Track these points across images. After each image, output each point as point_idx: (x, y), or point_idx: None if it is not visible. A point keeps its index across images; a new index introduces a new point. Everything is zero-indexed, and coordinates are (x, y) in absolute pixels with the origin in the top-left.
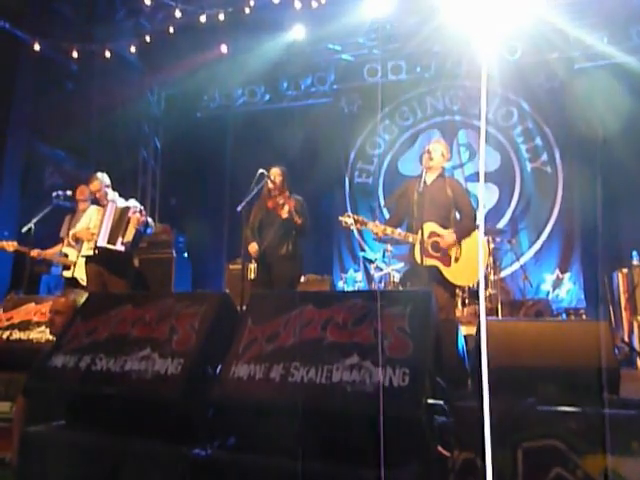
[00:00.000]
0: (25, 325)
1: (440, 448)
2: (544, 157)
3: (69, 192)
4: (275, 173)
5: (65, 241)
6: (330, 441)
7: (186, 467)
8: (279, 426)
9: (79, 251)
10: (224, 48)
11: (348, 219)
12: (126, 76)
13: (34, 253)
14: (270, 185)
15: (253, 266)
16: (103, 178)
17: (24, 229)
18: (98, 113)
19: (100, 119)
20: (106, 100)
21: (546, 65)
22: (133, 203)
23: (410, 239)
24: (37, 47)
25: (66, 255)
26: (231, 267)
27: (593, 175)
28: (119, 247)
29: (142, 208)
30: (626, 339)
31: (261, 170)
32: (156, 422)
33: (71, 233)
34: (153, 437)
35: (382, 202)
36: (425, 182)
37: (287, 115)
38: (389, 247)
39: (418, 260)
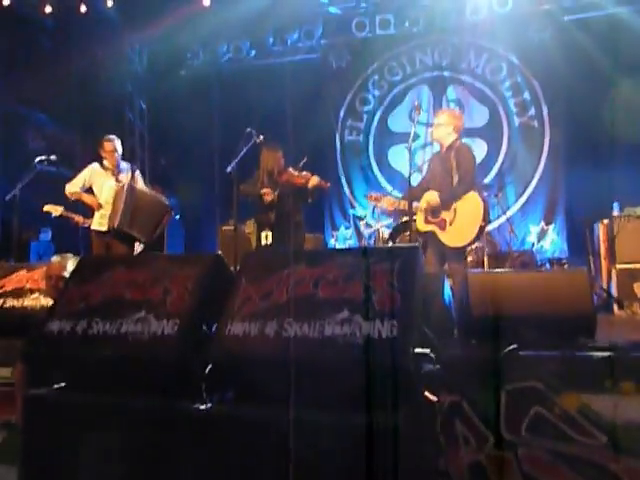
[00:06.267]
0: (18, 293)
1: (427, 393)
2: (531, 112)
3: (53, 157)
4: (279, 156)
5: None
6: (324, 390)
7: (187, 421)
8: (275, 379)
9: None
10: (206, 1)
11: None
12: (105, 33)
13: (79, 219)
14: (279, 163)
15: (266, 233)
16: (117, 143)
17: (8, 196)
18: (78, 72)
19: (80, 79)
20: (85, 58)
21: (536, 17)
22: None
23: (415, 209)
24: (6, 1)
25: None
26: (224, 228)
27: (579, 129)
28: (140, 237)
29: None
30: (604, 286)
31: (249, 129)
32: (155, 381)
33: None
34: (153, 395)
35: (372, 160)
36: (438, 152)
37: (274, 71)
38: (373, 203)
39: (419, 227)
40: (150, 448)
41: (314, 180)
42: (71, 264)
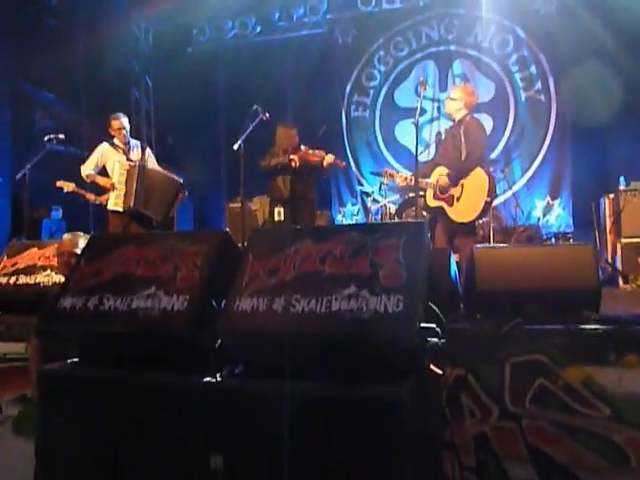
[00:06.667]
0: (31, 270)
1: (433, 366)
2: (538, 85)
3: (62, 135)
4: (293, 134)
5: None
6: (331, 364)
7: (198, 394)
8: (282, 353)
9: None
10: None
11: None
12: (110, 10)
13: (90, 197)
14: (294, 140)
15: (279, 210)
16: (124, 121)
17: (19, 175)
18: (84, 51)
19: (86, 57)
20: (91, 37)
21: None
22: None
23: (425, 186)
24: None
25: None
26: (231, 205)
27: (585, 103)
28: (155, 216)
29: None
30: (610, 260)
31: (255, 106)
32: (166, 355)
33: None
34: (165, 369)
35: (379, 136)
36: (449, 127)
37: (280, 47)
38: (385, 180)
39: (429, 203)
40: (161, 420)
41: (329, 158)
42: (82, 241)
